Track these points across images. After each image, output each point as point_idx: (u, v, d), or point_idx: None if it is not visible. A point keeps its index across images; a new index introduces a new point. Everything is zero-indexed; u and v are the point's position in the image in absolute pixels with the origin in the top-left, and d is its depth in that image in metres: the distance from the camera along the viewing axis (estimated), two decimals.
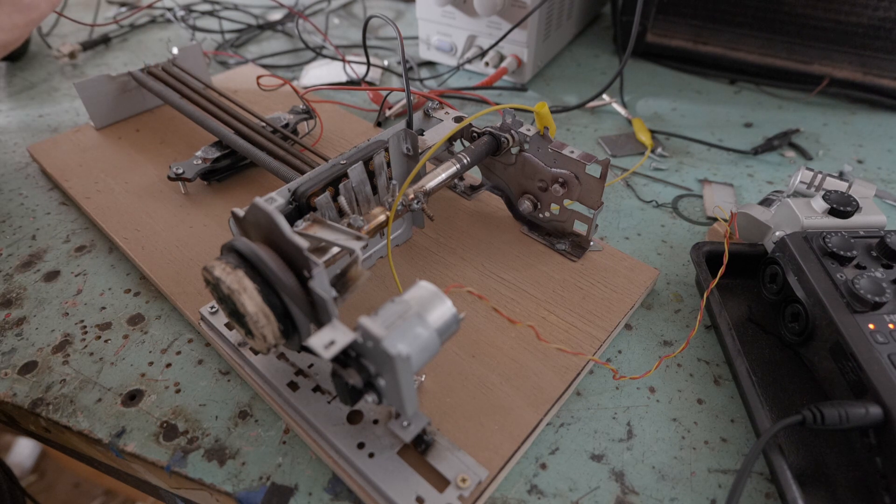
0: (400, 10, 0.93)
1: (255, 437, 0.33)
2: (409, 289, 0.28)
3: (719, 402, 0.36)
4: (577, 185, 0.40)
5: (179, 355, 0.38)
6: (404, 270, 0.42)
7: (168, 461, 0.32)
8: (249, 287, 0.28)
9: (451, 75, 0.72)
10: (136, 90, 0.58)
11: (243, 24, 0.84)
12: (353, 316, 0.38)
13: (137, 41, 0.81)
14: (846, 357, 0.32)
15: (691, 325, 0.40)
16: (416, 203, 0.37)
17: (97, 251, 0.46)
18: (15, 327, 0.40)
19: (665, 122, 0.63)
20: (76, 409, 0.35)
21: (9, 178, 0.54)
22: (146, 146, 0.55)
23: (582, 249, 0.43)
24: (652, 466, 0.32)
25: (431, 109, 0.46)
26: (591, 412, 0.35)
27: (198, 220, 0.47)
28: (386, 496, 0.29)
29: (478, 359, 0.36)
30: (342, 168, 0.37)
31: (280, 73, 0.73)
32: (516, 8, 0.63)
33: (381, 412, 0.32)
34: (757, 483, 0.32)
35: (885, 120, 0.64)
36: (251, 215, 0.30)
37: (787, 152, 0.59)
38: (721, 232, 0.44)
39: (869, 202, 0.40)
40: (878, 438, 0.30)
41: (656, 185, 0.54)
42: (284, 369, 0.34)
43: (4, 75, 0.72)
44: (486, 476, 0.30)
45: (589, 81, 0.72)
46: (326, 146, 0.56)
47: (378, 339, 0.24)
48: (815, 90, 0.67)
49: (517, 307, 0.39)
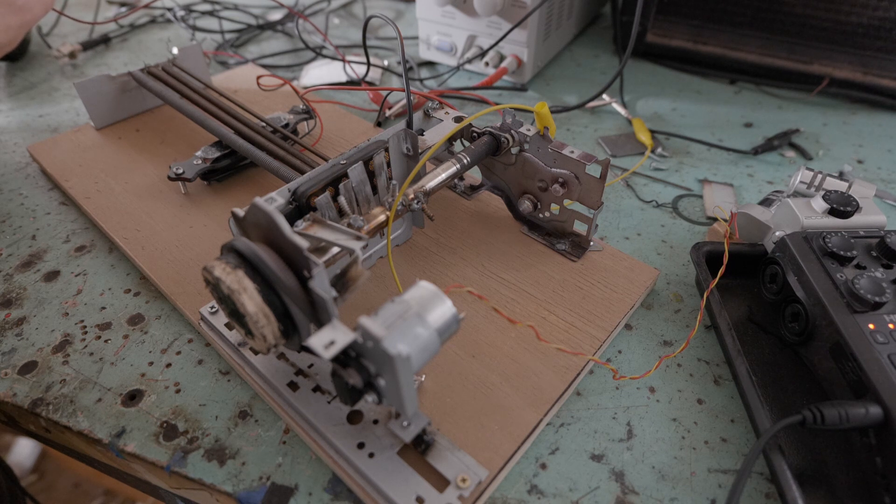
0: (400, 10, 0.93)
1: (255, 437, 0.33)
2: (409, 289, 0.28)
3: (719, 402, 0.36)
4: (577, 185, 0.40)
5: (179, 355, 0.38)
6: (404, 270, 0.42)
7: (168, 461, 0.32)
8: (249, 287, 0.28)
9: (451, 75, 0.72)
10: (136, 90, 0.58)
11: (243, 24, 0.84)
12: (353, 316, 0.38)
13: (137, 41, 0.81)
14: (846, 357, 0.32)
15: (691, 325, 0.40)
16: (416, 203, 0.37)
17: (97, 251, 0.46)
18: (15, 327, 0.40)
19: (665, 122, 0.63)
20: (76, 409, 0.35)
21: (9, 178, 0.54)
22: (146, 146, 0.55)
23: (582, 249, 0.43)
24: (652, 466, 0.32)
25: (431, 109, 0.46)
26: (591, 412, 0.35)
27: (198, 220, 0.47)
28: (386, 496, 0.29)
29: (478, 359, 0.36)
30: (342, 168, 0.37)
31: (280, 73, 0.73)
32: (516, 8, 0.63)
33: (381, 412, 0.32)
34: (757, 483, 0.32)
35: (885, 120, 0.64)
36: (251, 215, 0.30)
37: (787, 152, 0.59)
38: (721, 232, 0.44)
39: (869, 202, 0.40)
40: (878, 438, 0.30)
41: (656, 185, 0.54)
42: (284, 369, 0.34)
43: (4, 75, 0.72)
44: (486, 476, 0.30)
45: (589, 81, 0.72)
46: (326, 146, 0.56)
47: (378, 339, 0.24)
48: (815, 90, 0.67)
49: (517, 307, 0.39)
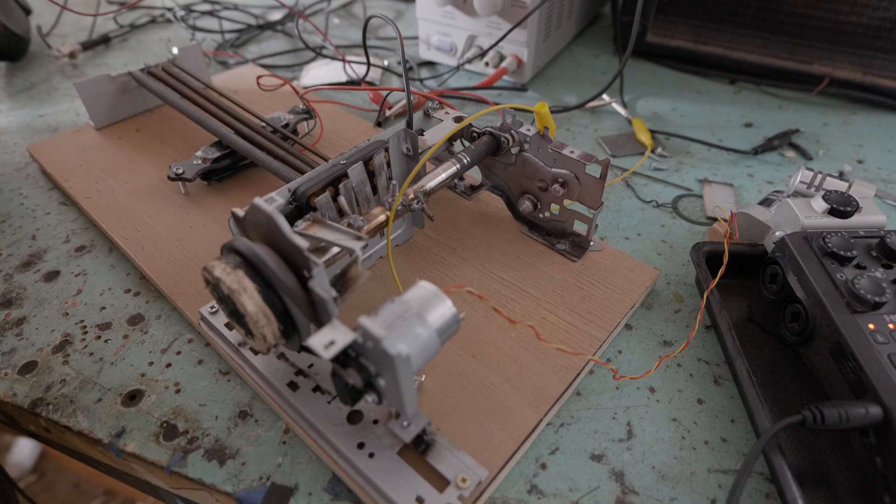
0: (400, 10, 0.93)
1: (255, 437, 0.33)
2: (409, 289, 0.28)
3: (719, 402, 0.36)
4: (577, 185, 0.40)
5: (179, 355, 0.38)
6: (404, 270, 0.42)
7: (168, 461, 0.32)
8: (249, 287, 0.28)
9: (451, 75, 0.72)
10: (136, 90, 0.58)
11: (243, 24, 0.84)
12: (353, 316, 0.38)
13: (137, 41, 0.81)
14: (846, 357, 0.32)
15: (691, 325, 0.40)
16: (416, 203, 0.37)
17: (97, 251, 0.46)
18: (15, 327, 0.40)
19: (665, 122, 0.63)
20: (76, 409, 0.35)
21: (9, 178, 0.54)
22: (146, 146, 0.55)
23: (582, 249, 0.43)
24: (652, 466, 0.32)
25: (431, 109, 0.46)
26: (591, 412, 0.35)
27: (198, 220, 0.47)
28: (386, 496, 0.29)
29: (478, 359, 0.36)
30: (342, 168, 0.37)
31: (280, 73, 0.73)
32: (516, 8, 0.63)
33: (381, 412, 0.32)
34: (757, 483, 0.32)
35: (885, 120, 0.64)
36: (251, 215, 0.30)
37: (787, 152, 0.59)
38: (721, 232, 0.44)
39: (869, 202, 0.40)
40: (878, 438, 0.30)
41: (656, 185, 0.54)
42: (284, 369, 0.34)
43: (4, 75, 0.72)
44: (486, 476, 0.30)
45: (589, 81, 0.72)
46: (326, 146, 0.56)
47: (378, 339, 0.24)
48: (815, 90, 0.67)
49: (517, 307, 0.39)
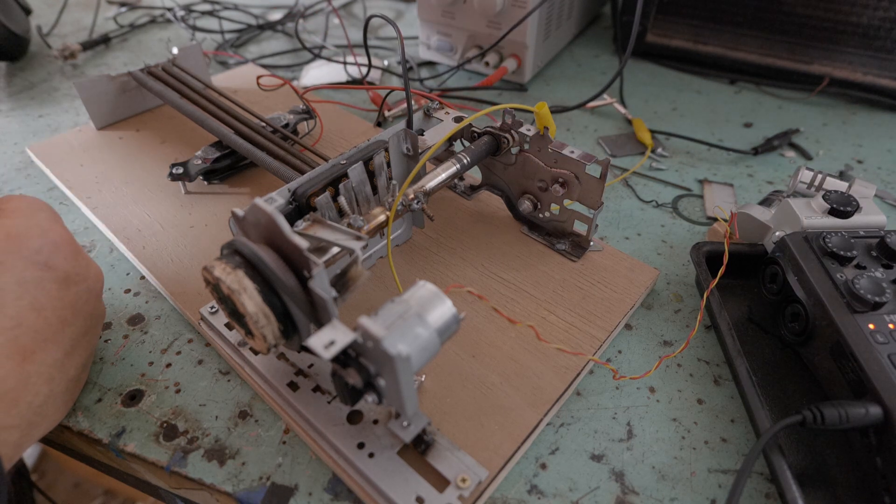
0: (400, 10, 0.93)
1: (255, 437, 0.33)
2: (409, 289, 0.28)
3: (719, 402, 0.36)
4: (577, 185, 0.40)
5: (179, 355, 0.38)
6: (404, 270, 0.42)
7: (168, 461, 0.32)
8: (249, 287, 0.28)
9: (451, 75, 0.72)
10: (136, 90, 0.58)
11: (243, 24, 0.84)
12: (353, 316, 0.38)
13: (137, 41, 0.81)
14: (846, 357, 0.32)
15: (691, 325, 0.40)
16: (416, 203, 0.37)
17: (97, 251, 0.46)
18: None
19: (665, 122, 0.63)
20: (76, 408, 0.35)
21: (9, 178, 0.54)
22: (146, 146, 0.55)
23: (582, 249, 0.43)
24: (652, 466, 0.32)
25: (431, 109, 0.46)
26: (591, 412, 0.35)
27: (198, 220, 0.47)
28: (386, 496, 0.29)
29: (478, 359, 0.36)
30: (342, 168, 0.37)
31: (280, 73, 0.73)
32: (516, 8, 0.63)
33: (381, 412, 0.32)
34: (757, 483, 0.32)
35: (885, 120, 0.64)
36: (251, 215, 0.30)
37: (787, 152, 0.59)
38: (721, 232, 0.44)
39: (869, 202, 0.40)
40: (878, 438, 0.30)
41: (656, 185, 0.54)
42: (284, 369, 0.34)
43: (4, 75, 0.72)
44: (486, 476, 0.30)
45: (589, 81, 0.72)
46: (326, 146, 0.56)
47: (378, 339, 0.24)
48: (815, 90, 0.67)
49: (517, 307, 0.39)
